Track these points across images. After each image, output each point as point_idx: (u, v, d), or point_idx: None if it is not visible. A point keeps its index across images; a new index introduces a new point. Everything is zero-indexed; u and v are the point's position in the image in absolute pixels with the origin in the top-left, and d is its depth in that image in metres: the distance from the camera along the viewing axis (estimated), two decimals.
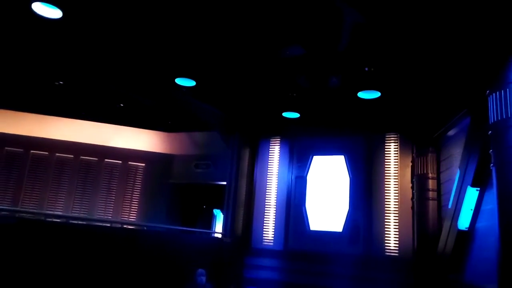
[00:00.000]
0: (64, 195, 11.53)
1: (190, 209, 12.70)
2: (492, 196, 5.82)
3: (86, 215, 11.32)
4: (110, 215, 11.58)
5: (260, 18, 5.92)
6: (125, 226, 10.80)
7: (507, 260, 4.85)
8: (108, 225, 10.43)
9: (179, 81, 7.90)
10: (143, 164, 12.06)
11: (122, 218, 11.55)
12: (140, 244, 8.74)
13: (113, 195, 11.78)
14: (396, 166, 9.37)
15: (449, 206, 7.25)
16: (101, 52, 7.35)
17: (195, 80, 7.90)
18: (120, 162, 11.96)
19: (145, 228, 10.98)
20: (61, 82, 9.06)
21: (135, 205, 11.82)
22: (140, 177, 12.02)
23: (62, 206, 11.41)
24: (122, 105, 10.08)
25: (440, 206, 8.27)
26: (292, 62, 7.17)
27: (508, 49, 5.40)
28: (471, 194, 6.53)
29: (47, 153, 11.69)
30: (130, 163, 12.01)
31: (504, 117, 5.19)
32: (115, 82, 8.67)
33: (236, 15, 5.85)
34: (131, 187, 11.93)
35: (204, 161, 11.91)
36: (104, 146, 11.80)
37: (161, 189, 12.05)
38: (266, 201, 10.53)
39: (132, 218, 11.71)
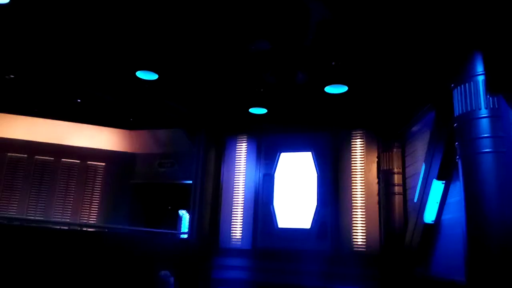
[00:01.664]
0: (17, 196, 10.80)
1: (154, 209, 12.25)
2: (457, 189, 5.90)
3: (42, 217, 10.66)
4: (68, 217, 10.97)
5: (226, 11, 5.73)
6: (84, 228, 10.30)
7: (474, 252, 4.88)
8: (66, 227, 9.86)
9: (140, 74, 7.52)
10: (103, 164, 11.50)
11: (82, 220, 10.97)
12: (102, 247, 8.36)
13: (72, 196, 11.16)
14: (363, 161, 9.42)
15: (415, 200, 7.32)
16: (55, 42, 6.87)
17: (157, 74, 7.55)
18: (79, 161, 11.35)
19: (106, 230, 10.53)
20: (11, 76, 8.43)
21: (95, 207, 11.26)
22: (100, 177, 11.45)
23: (15, 208, 10.69)
24: (79, 100, 9.52)
25: (406, 201, 8.37)
26: (258, 57, 7.02)
27: (471, 42, 5.46)
28: (437, 187, 6.60)
29: None
30: (89, 162, 11.43)
31: (468, 109, 5.23)
32: (70, 75, 8.15)
33: (201, 7, 5.62)
34: (90, 187, 11.35)
35: (168, 159, 11.52)
36: (60, 145, 11.16)
37: (123, 189, 11.55)
38: (234, 199, 10.32)
39: (92, 220, 11.15)
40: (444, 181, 6.51)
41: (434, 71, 6.57)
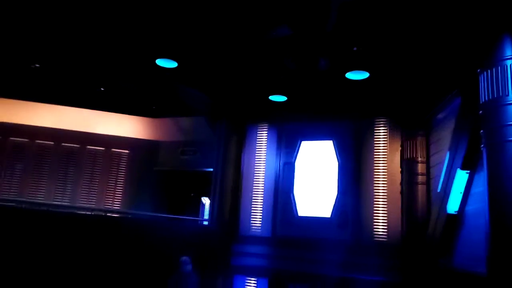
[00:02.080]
0: (45, 183, 11.20)
1: (177, 196, 12.47)
2: (482, 179, 5.67)
3: (68, 203, 11.02)
4: (94, 203, 11.29)
5: None
6: (108, 214, 10.59)
7: (496, 243, 4.70)
8: (91, 213, 10.16)
9: (160, 62, 7.57)
10: (127, 151, 11.74)
11: (106, 206, 11.28)
12: (124, 232, 8.60)
13: (96, 183, 11.48)
14: (385, 150, 9.19)
15: (438, 190, 7.11)
16: (78, 32, 6.99)
17: (177, 62, 7.57)
18: (103, 149, 11.63)
19: (129, 216, 10.79)
20: (37, 65, 8.67)
21: (119, 193, 11.54)
22: (124, 164, 11.71)
23: (43, 194, 11.09)
24: (102, 89, 9.71)
25: (429, 190, 8.14)
26: (279, 44, 6.91)
27: (499, 26, 5.18)
28: (461, 177, 6.38)
29: (27, 140, 11.30)
30: (113, 150, 11.69)
31: (495, 96, 5.00)
32: (93, 64, 8.30)
33: None
34: (114, 174, 11.63)
35: (191, 147, 11.64)
36: (86, 133, 11.47)
37: (146, 176, 11.78)
38: (254, 187, 10.31)
39: (116, 206, 11.45)
40: (468, 171, 6.27)
41: (460, 55, 6.30)
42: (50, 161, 11.34)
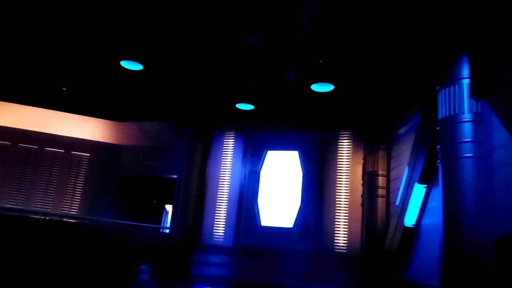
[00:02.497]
0: None
1: (139, 203, 12.12)
2: (438, 193, 5.83)
3: (22, 206, 10.49)
4: (50, 207, 10.80)
5: (216, 4, 5.61)
6: (65, 219, 10.16)
7: (448, 258, 4.81)
8: (46, 217, 9.71)
9: (125, 64, 7.38)
10: (88, 154, 11.34)
11: (63, 211, 10.81)
12: (81, 239, 8.26)
13: (54, 187, 10.99)
14: (348, 163, 9.35)
15: (397, 203, 7.26)
16: (40, 29, 6.71)
17: (142, 64, 7.41)
18: (63, 151, 11.19)
19: (87, 222, 10.40)
20: None
21: (77, 198, 11.10)
22: (84, 168, 11.29)
23: None
24: (64, 89, 9.35)
25: (389, 203, 8.30)
26: (248, 52, 6.91)
27: (457, 46, 5.39)
28: (418, 191, 6.54)
29: None
30: (73, 152, 11.26)
31: (452, 113, 5.17)
32: (56, 62, 7.99)
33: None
34: (74, 178, 11.18)
35: (154, 153, 11.38)
36: (45, 134, 11.00)
37: (107, 181, 11.40)
38: (218, 196, 10.22)
39: (74, 211, 10.99)
40: (425, 185, 6.44)
41: (421, 72, 6.50)
42: (5, 162, 10.78)
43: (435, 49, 5.80)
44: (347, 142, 9.48)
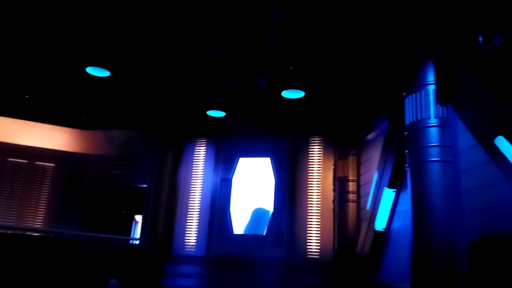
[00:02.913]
0: None
1: (107, 214, 11.74)
2: (407, 197, 5.93)
3: None
4: (12, 220, 10.29)
5: (185, 9, 5.54)
6: (28, 233, 9.71)
7: (418, 260, 4.89)
8: (8, 231, 9.24)
9: (91, 70, 7.16)
10: (53, 164, 10.89)
11: (26, 224, 10.33)
12: (47, 253, 7.92)
13: (17, 198, 10.48)
14: (319, 168, 9.42)
15: (367, 208, 7.35)
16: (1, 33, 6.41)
17: (109, 71, 7.22)
18: (26, 161, 10.70)
19: (52, 234, 9.98)
20: None
21: (42, 210, 10.63)
22: (48, 179, 10.83)
23: None
24: (27, 96, 8.97)
25: (359, 208, 8.40)
26: (219, 59, 6.85)
27: (422, 53, 5.54)
28: (388, 195, 6.64)
29: None
30: (37, 162, 10.79)
31: (419, 118, 5.28)
32: (17, 68, 7.65)
33: (159, 3, 5.41)
34: (37, 189, 10.70)
35: (123, 161, 11.05)
36: (7, 143, 10.48)
37: (74, 192, 10.97)
38: (189, 205, 10.05)
39: (38, 224, 10.52)
40: (395, 190, 6.55)
41: (389, 79, 6.64)
42: None
43: (401, 56, 5.95)
44: (318, 148, 9.57)
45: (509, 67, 4.02)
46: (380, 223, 6.75)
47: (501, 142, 3.90)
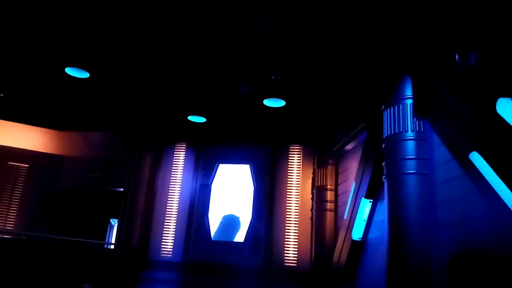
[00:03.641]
0: None
1: (82, 217, 11.49)
2: (383, 208, 6.04)
3: None
4: None
5: (168, 14, 5.53)
6: None
7: (394, 270, 4.97)
8: None
9: (70, 71, 7.03)
10: (27, 165, 10.62)
11: None
12: (18, 256, 7.69)
13: None
14: (299, 177, 9.48)
15: (345, 217, 7.43)
16: None
17: (88, 72, 7.10)
18: None
19: (23, 237, 9.68)
20: None
21: (13, 212, 10.32)
22: (21, 180, 10.54)
23: None
24: (1, 95, 8.73)
25: (337, 217, 8.48)
26: (201, 64, 6.86)
27: (401, 67, 5.67)
28: (365, 205, 6.73)
29: None
30: (10, 163, 10.49)
31: (396, 131, 5.39)
32: None
33: (143, 6, 5.37)
34: (9, 190, 10.40)
35: (100, 164, 10.87)
36: None
37: (48, 194, 10.73)
38: (167, 210, 9.94)
39: (9, 226, 10.20)
40: (371, 200, 6.65)
41: (368, 92, 6.77)
42: None
43: (380, 70, 6.08)
44: (298, 156, 9.64)
45: (483, 85, 4.17)
46: (357, 233, 6.83)
47: (475, 157, 4.02)
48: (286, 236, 9.09)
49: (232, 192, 9.93)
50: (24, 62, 7.25)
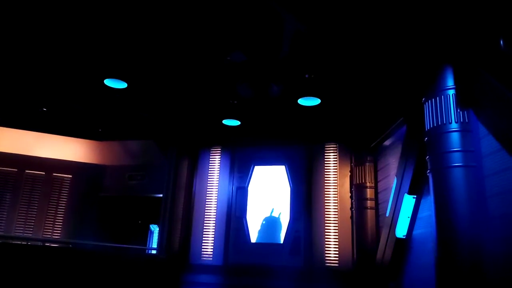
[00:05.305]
0: None
1: (124, 224, 11.81)
2: (428, 203, 5.86)
3: (2, 232, 10.08)
4: (30, 232, 10.41)
5: (199, 21, 5.60)
6: (47, 244, 9.81)
7: (443, 267, 4.81)
8: (27, 243, 9.34)
9: (109, 82, 7.26)
10: (70, 176, 11.04)
11: (44, 236, 10.43)
12: (64, 264, 7.97)
13: (35, 210, 10.62)
14: (336, 175, 9.36)
15: (387, 215, 7.26)
16: (18, 47, 6.54)
17: (126, 82, 7.31)
18: (44, 173, 10.86)
19: (70, 246, 10.06)
20: None
21: (59, 221, 10.74)
22: (66, 190, 10.97)
23: None
24: (45, 109, 9.12)
25: (378, 215, 8.31)
26: (233, 69, 6.90)
27: (442, 57, 5.49)
28: (408, 202, 6.56)
29: None
30: (55, 174, 10.94)
31: (439, 123, 5.22)
32: (34, 81, 7.79)
33: (174, 15, 5.47)
34: (55, 201, 10.84)
35: (139, 172, 11.15)
36: (25, 156, 10.66)
37: (91, 203, 11.09)
38: (206, 214, 10.06)
39: (56, 235, 10.62)
40: (415, 196, 6.47)
41: (406, 85, 6.59)
42: None
43: (419, 61, 5.91)
44: (334, 154, 9.52)
45: None
46: (401, 230, 6.66)
47: None
48: (326, 236, 8.98)
49: (269, 194, 9.92)
50: (64, 77, 7.53)
